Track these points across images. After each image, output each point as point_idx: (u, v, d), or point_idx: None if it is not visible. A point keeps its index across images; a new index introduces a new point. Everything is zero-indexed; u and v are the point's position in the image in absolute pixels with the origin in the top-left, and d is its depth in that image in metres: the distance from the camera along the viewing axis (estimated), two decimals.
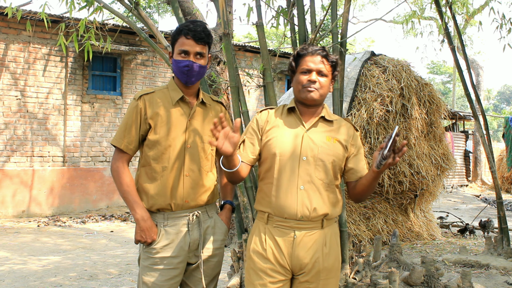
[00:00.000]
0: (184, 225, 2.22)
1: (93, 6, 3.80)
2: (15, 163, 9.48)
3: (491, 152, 5.21)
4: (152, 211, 2.22)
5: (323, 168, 2.07)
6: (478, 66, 18.14)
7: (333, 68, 2.14)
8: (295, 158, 2.06)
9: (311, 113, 2.15)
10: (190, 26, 2.18)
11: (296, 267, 2.06)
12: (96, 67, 10.50)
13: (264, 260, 2.06)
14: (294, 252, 2.05)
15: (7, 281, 4.72)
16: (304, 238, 2.05)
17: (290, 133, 2.10)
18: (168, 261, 2.19)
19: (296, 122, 2.13)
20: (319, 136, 2.11)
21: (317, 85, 2.08)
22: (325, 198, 2.07)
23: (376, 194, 6.21)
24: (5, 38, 9.39)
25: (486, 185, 17.48)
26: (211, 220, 2.31)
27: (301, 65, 2.11)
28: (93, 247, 6.64)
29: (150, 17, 16.09)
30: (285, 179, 2.05)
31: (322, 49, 2.12)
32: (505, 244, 5.03)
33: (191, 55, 2.18)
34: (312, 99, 2.09)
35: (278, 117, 2.16)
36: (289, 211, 2.03)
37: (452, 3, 5.04)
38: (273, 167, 2.08)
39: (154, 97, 2.24)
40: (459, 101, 39.09)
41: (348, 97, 6.00)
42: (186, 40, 2.18)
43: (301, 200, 2.03)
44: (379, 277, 3.35)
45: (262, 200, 2.12)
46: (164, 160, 2.20)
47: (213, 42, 6.59)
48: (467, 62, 5.31)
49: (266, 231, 2.09)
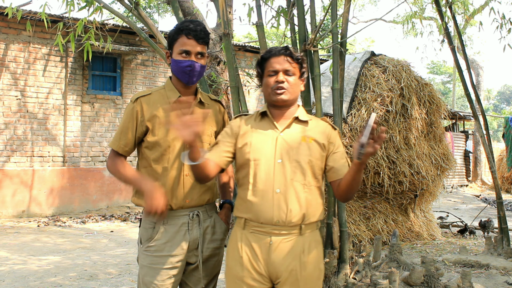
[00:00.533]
0: (184, 224, 2.22)
1: (93, 6, 3.80)
2: (15, 163, 9.48)
3: (491, 152, 5.21)
4: None
5: (299, 169, 2.03)
6: (478, 66, 18.15)
7: (299, 65, 2.11)
8: (270, 161, 2.03)
9: (284, 115, 2.12)
10: (190, 26, 2.17)
11: (272, 274, 2.01)
12: (96, 67, 10.49)
13: (241, 267, 2.02)
14: (270, 259, 2.00)
15: (7, 281, 4.72)
16: (281, 244, 2.00)
17: (264, 137, 2.07)
18: (167, 260, 2.19)
19: (270, 126, 2.10)
20: (294, 137, 2.07)
21: (285, 85, 2.05)
22: (303, 200, 2.02)
23: (376, 194, 6.21)
24: (5, 38, 9.39)
25: (486, 185, 17.48)
26: (211, 220, 2.31)
27: (267, 68, 2.09)
28: (93, 247, 6.64)
29: (150, 17, 16.09)
30: (261, 183, 2.02)
31: (285, 49, 2.09)
32: (505, 244, 5.03)
33: (192, 55, 2.18)
34: (282, 100, 2.06)
35: (251, 122, 2.13)
36: (265, 215, 1.99)
37: (452, 3, 5.04)
38: (248, 173, 2.05)
39: (151, 98, 2.24)
40: (459, 101, 39.09)
41: (348, 97, 6.00)
42: (187, 40, 2.17)
43: (277, 204, 1.99)
44: (379, 277, 3.35)
45: (239, 206, 2.09)
46: (164, 161, 2.21)
47: (213, 42, 6.59)
48: (467, 62, 5.31)
49: (242, 237, 2.05)
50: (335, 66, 3.44)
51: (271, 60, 2.08)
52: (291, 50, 2.10)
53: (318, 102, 3.34)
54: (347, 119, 5.90)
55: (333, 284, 3.28)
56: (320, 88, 3.35)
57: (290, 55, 2.08)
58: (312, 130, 2.11)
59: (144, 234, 2.25)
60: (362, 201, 6.18)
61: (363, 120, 5.88)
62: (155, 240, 2.20)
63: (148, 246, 2.21)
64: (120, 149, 2.23)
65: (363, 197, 6.18)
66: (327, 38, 3.49)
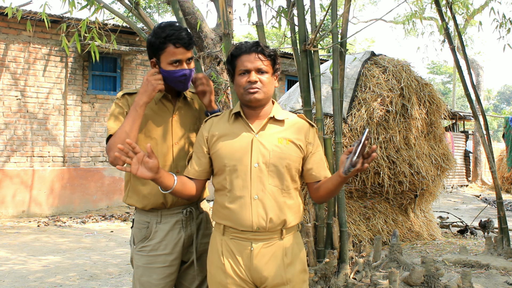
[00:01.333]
0: (177, 221, 2.21)
1: (93, 6, 3.80)
2: (15, 163, 9.48)
3: (491, 152, 5.21)
4: (146, 210, 2.21)
5: (276, 174, 1.94)
6: (478, 66, 18.14)
7: (272, 62, 1.99)
8: (246, 166, 1.93)
9: (258, 115, 2.01)
10: (175, 33, 2.09)
11: (256, 280, 1.96)
12: (96, 67, 10.50)
13: (224, 274, 1.97)
14: (252, 265, 1.94)
15: (7, 281, 4.72)
16: (262, 250, 1.94)
17: (238, 140, 1.97)
18: (163, 259, 2.18)
19: (244, 127, 1.99)
20: (270, 139, 1.97)
21: (258, 85, 1.94)
22: (282, 205, 1.95)
23: (376, 194, 6.21)
24: (5, 38, 9.39)
25: (486, 185, 17.48)
26: (203, 215, 2.31)
27: (238, 66, 1.97)
28: (93, 247, 6.64)
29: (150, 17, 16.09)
30: (238, 189, 1.93)
31: (256, 45, 1.97)
32: (505, 244, 5.03)
33: (183, 62, 2.13)
34: (256, 99, 1.95)
35: (224, 124, 2.03)
36: (245, 223, 1.92)
37: (452, 3, 5.04)
38: (224, 178, 1.97)
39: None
40: (459, 101, 39.09)
41: (348, 97, 6.01)
42: (176, 49, 2.09)
43: (256, 211, 1.91)
44: (379, 277, 3.35)
45: (217, 212, 2.01)
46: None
47: (213, 42, 6.60)
48: (467, 62, 5.31)
49: (223, 243, 1.99)
50: (335, 66, 3.45)
51: (242, 58, 1.96)
52: (262, 46, 1.98)
53: (318, 102, 3.34)
54: (347, 119, 5.90)
55: (333, 284, 3.28)
56: (320, 88, 3.35)
57: (261, 52, 1.96)
58: (288, 130, 2.01)
59: (138, 234, 2.22)
60: (362, 201, 6.18)
61: (363, 120, 5.88)
62: (149, 240, 2.18)
63: (143, 246, 2.20)
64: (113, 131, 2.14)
65: (363, 197, 6.18)
66: (327, 38, 3.48)
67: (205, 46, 6.53)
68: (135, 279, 2.23)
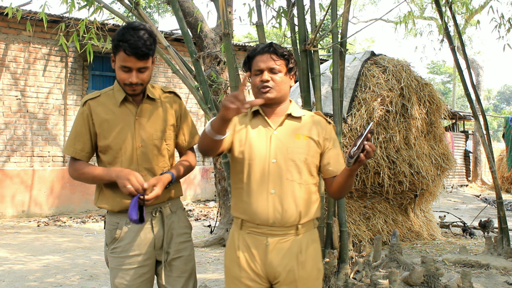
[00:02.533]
0: (147, 221, 2.18)
1: (93, 6, 3.80)
2: (15, 163, 9.48)
3: (491, 152, 5.21)
4: (115, 211, 2.19)
5: (295, 168, 1.99)
6: (478, 66, 18.14)
7: (286, 61, 2.05)
8: (264, 161, 1.99)
9: (276, 112, 2.07)
10: (130, 40, 2.01)
11: (270, 275, 2.00)
12: (96, 67, 10.50)
13: (239, 268, 2.01)
14: (267, 260, 1.98)
15: (7, 281, 4.72)
16: (278, 245, 1.98)
17: (258, 135, 2.04)
18: (134, 260, 2.16)
19: (263, 124, 2.06)
20: (288, 135, 2.03)
21: (271, 84, 2.01)
22: (299, 200, 1.99)
23: (376, 194, 6.21)
24: (5, 38, 9.39)
25: (486, 185, 17.48)
26: (175, 215, 2.26)
27: (253, 67, 2.06)
28: (93, 247, 6.63)
29: (150, 17, 16.08)
30: (255, 183, 1.99)
31: (269, 46, 2.05)
32: (505, 244, 5.03)
33: (133, 71, 2.07)
34: (268, 98, 2.01)
35: (245, 121, 2.09)
36: (261, 216, 1.97)
37: (452, 3, 5.04)
38: (242, 172, 2.02)
39: (100, 100, 2.18)
40: (459, 101, 39.09)
41: (348, 97, 6.01)
42: (127, 57, 2.03)
43: (272, 205, 1.96)
44: (379, 277, 3.35)
45: (235, 206, 2.07)
46: (117, 163, 2.16)
47: (213, 42, 6.59)
48: (467, 62, 5.32)
49: (240, 238, 2.03)
50: (335, 66, 3.45)
51: (256, 58, 2.05)
52: (275, 47, 2.04)
53: (318, 102, 3.35)
54: (347, 119, 5.91)
55: (333, 284, 3.28)
56: (320, 88, 3.35)
57: (274, 52, 2.03)
58: (305, 127, 2.06)
59: (109, 236, 2.21)
60: (362, 201, 6.18)
61: (363, 120, 5.88)
62: (119, 241, 2.17)
63: (114, 247, 2.18)
64: (77, 154, 2.17)
65: (363, 197, 6.18)
66: (327, 38, 3.48)
67: (205, 46, 6.53)
68: (111, 281, 2.23)
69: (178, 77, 3.81)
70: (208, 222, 8.73)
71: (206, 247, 6.60)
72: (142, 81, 2.11)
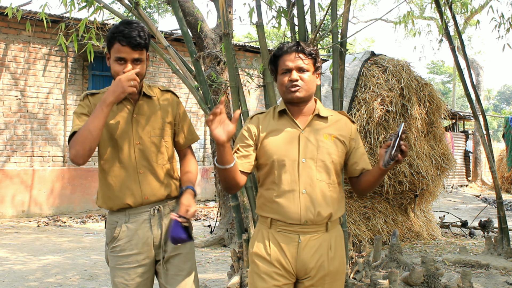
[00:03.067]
0: (145, 220, 2.18)
1: (93, 6, 3.80)
2: (15, 163, 9.48)
3: (491, 152, 5.21)
4: (114, 210, 2.19)
5: (324, 168, 2.02)
6: (478, 66, 18.15)
7: (313, 60, 2.05)
8: (294, 161, 2.01)
9: (303, 112, 2.08)
10: (124, 31, 2.04)
11: (301, 271, 2.02)
12: (96, 67, 10.50)
13: (268, 264, 2.03)
14: (299, 257, 2.01)
15: (7, 281, 4.72)
16: (310, 242, 2.01)
17: (286, 136, 2.04)
18: (132, 259, 2.16)
19: (290, 124, 2.06)
20: (316, 135, 2.04)
21: (300, 83, 2.01)
22: (329, 199, 2.02)
23: (376, 194, 6.21)
24: (5, 38, 9.40)
25: (486, 185, 17.48)
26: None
27: (280, 66, 2.05)
28: (93, 247, 6.63)
29: (150, 17, 16.08)
30: (286, 184, 2.00)
31: (296, 45, 2.04)
32: (505, 244, 5.03)
33: (128, 62, 2.08)
34: (298, 97, 2.02)
35: (270, 121, 2.09)
36: (293, 216, 1.99)
37: (452, 3, 5.04)
38: (272, 173, 2.03)
39: (98, 98, 2.19)
40: (459, 101, 39.09)
41: (348, 97, 6.01)
42: (121, 47, 2.05)
43: (304, 205, 1.98)
44: (379, 277, 3.35)
45: (263, 206, 2.07)
46: (115, 160, 2.16)
47: (213, 42, 6.59)
48: (467, 62, 5.32)
49: (269, 236, 2.04)
50: (335, 66, 3.44)
51: (284, 57, 2.04)
52: (303, 46, 2.04)
53: None
54: None
55: None
56: (320, 88, 3.35)
57: (302, 51, 2.03)
58: (333, 127, 2.08)
59: (109, 235, 2.21)
60: (362, 201, 6.18)
61: (363, 120, 5.88)
62: (118, 240, 2.17)
63: (113, 246, 2.18)
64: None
65: (363, 197, 6.18)
66: (327, 38, 3.48)
67: (205, 46, 6.53)
68: (111, 280, 2.24)
69: (178, 77, 3.81)
70: (208, 222, 8.73)
71: (206, 247, 6.60)
72: (137, 74, 2.10)
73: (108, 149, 2.17)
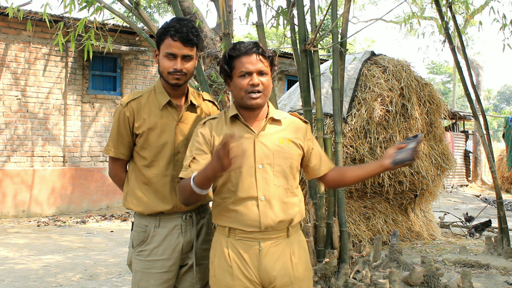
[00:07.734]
0: (176, 226, 2.16)
1: (93, 6, 3.80)
2: (15, 163, 9.48)
3: (491, 152, 5.21)
4: (144, 214, 2.17)
5: (282, 173, 1.93)
6: (478, 66, 18.14)
7: (271, 63, 1.95)
8: (251, 167, 1.90)
9: (257, 116, 1.97)
10: (176, 26, 2.04)
11: (265, 280, 1.93)
12: (96, 67, 10.50)
13: (231, 276, 1.93)
14: (261, 265, 1.92)
15: (7, 280, 4.72)
16: (270, 249, 1.93)
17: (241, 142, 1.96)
18: (160, 264, 2.14)
19: (244, 129, 1.94)
20: (271, 140, 1.95)
21: (260, 87, 1.90)
22: (288, 204, 1.94)
23: (376, 194, 6.21)
24: (5, 38, 9.40)
25: (486, 185, 17.48)
26: (204, 220, 2.25)
27: (238, 68, 1.90)
28: (93, 247, 6.64)
29: (150, 17, 16.08)
30: (244, 191, 1.90)
31: (256, 46, 1.92)
32: (505, 244, 5.04)
33: (178, 57, 2.06)
34: (257, 104, 1.92)
35: (223, 127, 1.97)
36: (252, 223, 1.90)
37: (452, 3, 5.04)
38: (229, 181, 1.92)
39: (141, 102, 2.16)
40: (459, 101, 39.08)
41: (348, 97, 6.01)
42: (173, 42, 2.04)
43: (263, 212, 1.89)
44: (379, 277, 3.36)
45: (220, 216, 1.97)
46: (154, 166, 2.14)
47: (213, 42, 6.59)
48: (467, 62, 5.32)
49: (228, 245, 1.94)
50: (335, 66, 3.45)
51: (242, 59, 1.90)
52: (262, 47, 1.93)
53: (318, 102, 3.35)
54: (347, 119, 5.91)
55: (333, 284, 3.29)
56: (320, 88, 3.35)
57: (262, 53, 1.91)
58: (287, 130, 1.99)
59: (136, 238, 2.19)
60: (362, 201, 6.19)
61: (363, 120, 5.88)
62: (147, 244, 2.15)
63: (141, 250, 2.16)
64: (117, 154, 2.19)
65: (363, 197, 6.19)
66: (327, 38, 3.48)
67: (205, 46, 6.53)
68: (133, 283, 2.21)
69: None
70: None
71: None
72: (186, 71, 2.09)
73: (149, 154, 2.15)
